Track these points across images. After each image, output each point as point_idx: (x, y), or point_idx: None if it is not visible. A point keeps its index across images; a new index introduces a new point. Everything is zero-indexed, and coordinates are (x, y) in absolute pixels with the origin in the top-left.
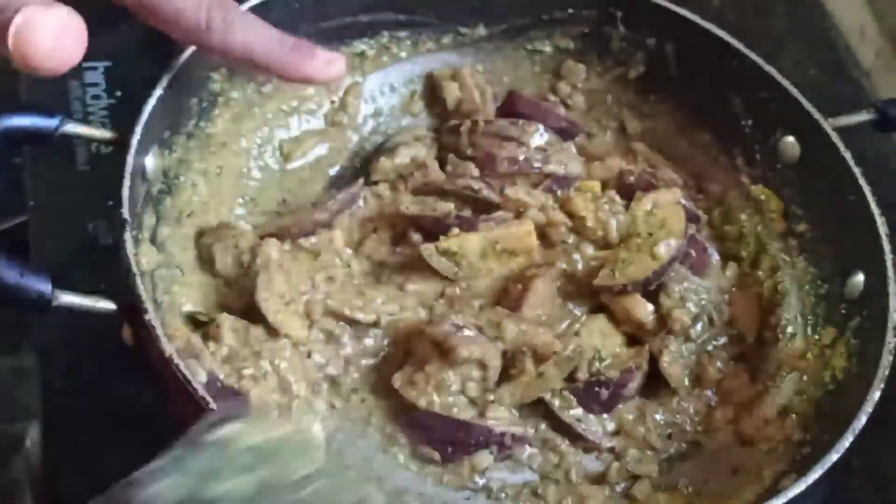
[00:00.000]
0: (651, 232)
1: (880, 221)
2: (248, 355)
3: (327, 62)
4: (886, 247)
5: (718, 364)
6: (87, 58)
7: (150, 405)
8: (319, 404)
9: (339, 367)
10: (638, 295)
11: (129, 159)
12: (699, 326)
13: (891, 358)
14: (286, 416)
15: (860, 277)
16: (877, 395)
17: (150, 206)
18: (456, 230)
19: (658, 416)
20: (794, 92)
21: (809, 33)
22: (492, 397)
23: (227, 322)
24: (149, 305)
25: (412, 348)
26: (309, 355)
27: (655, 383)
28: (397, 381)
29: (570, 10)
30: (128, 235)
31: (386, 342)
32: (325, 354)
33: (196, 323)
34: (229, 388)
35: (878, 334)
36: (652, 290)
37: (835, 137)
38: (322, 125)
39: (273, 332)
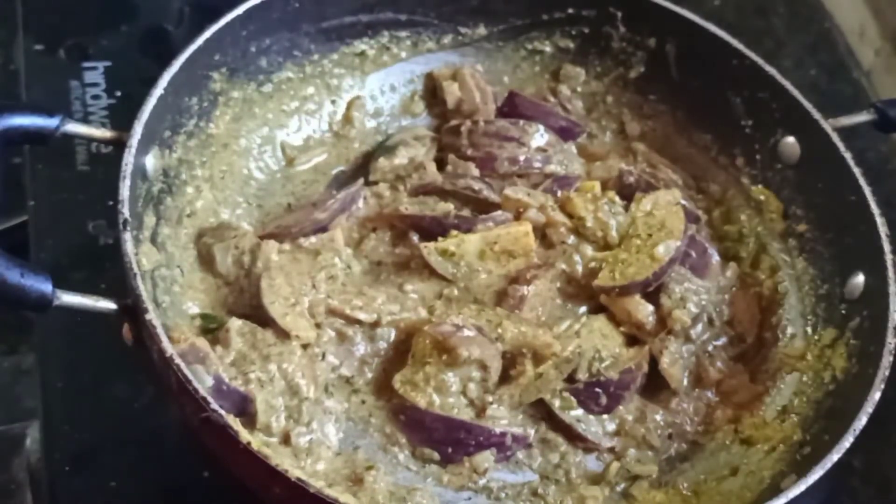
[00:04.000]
0: (650, 233)
1: (880, 221)
2: (255, 359)
3: None
4: (886, 247)
5: (718, 364)
6: (87, 58)
7: (150, 405)
8: (334, 405)
9: (352, 368)
10: (638, 296)
11: (129, 159)
12: (699, 327)
13: (891, 358)
14: (296, 417)
15: (860, 278)
16: (877, 395)
17: (151, 205)
18: (455, 231)
19: (658, 417)
20: (794, 92)
21: (809, 33)
22: (492, 398)
23: (236, 326)
24: (149, 305)
25: (412, 348)
26: (323, 357)
27: (655, 384)
28: (397, 381)
29: (570, 10)
30: (128, 235)
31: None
32: (339, 356)
33: (204, 329)
34: (235, 390)
35: (878, 334)
36: (652, 290)
37: (835, 137)
38: (324, 127)
39: (282, 334)
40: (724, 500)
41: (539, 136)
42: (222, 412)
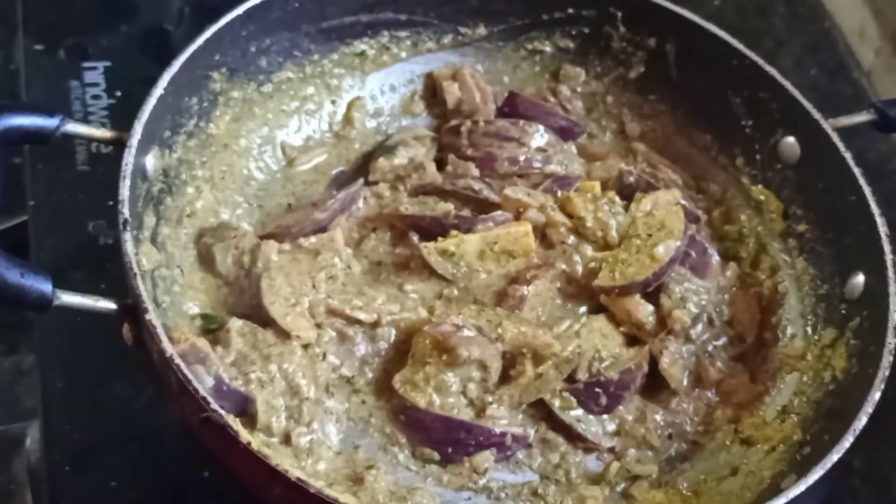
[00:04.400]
0: (650, 233)
1: (880, 221)
2: (256, 359)
3: None
4: (886, 247)
5: (718, 364)
6: (87, 58)
7: (150, 405)
8: (335, 405)
9: (353, 369)
10: (638, 296)
11: (129, 159)
12: (699, 327)
13: (891, 358)
14: (296, 417)
15: (860, 278)
16: (877, 395)
17: (151, 205)
18: (455, 231)
19: (658, 417)
20: (794, 92)
21: (809, 33)
22: (492, 398)
23: (236, 326)
24: (149, 305)
25: (412, 348)
26: (324, 357)
27: (655, 384)
28: (397, 381)
29: (570, 10)
30: (128, 235)
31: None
32: (340, 356)
33: (205, 329)
34: (235, 390)
35: (878, 335)
36: (652, 290)
37: (835, 137)
38: (324, 127)
39: (282, 335)
40: (724, 500)
41: (539, 136)
42: (222, 412)
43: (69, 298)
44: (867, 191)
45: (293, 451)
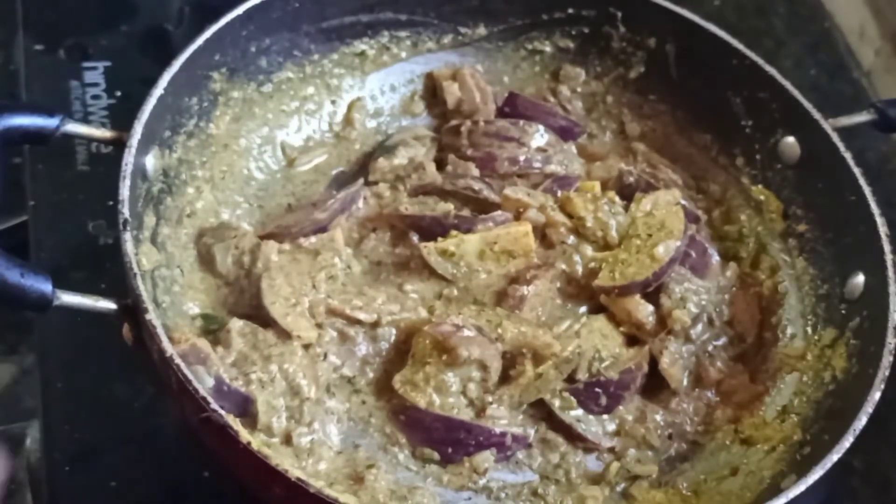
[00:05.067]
0: (650, 233)
1: (880, 221)
2: (256, 359)
3: None
4: (886, 247)
5: (718, 364)
6: (87, 58)
7: (150, 405)
8: (335, 405)
9: (354, 369)
10: (638, 296)
11: (129, 159)
12: (699, 327)
13: (891, 358)
14: (297, 417)
15: (860, 278)
16: (877, 395)
17: (151, 205)
18: (455, 231)
19: (658, 417)
20: (794, 92)
21: (809, 33)
22: (492, 398)
23: (237, 327)
24: (149, 305)
25: (412, 348)
26: (325, 357)
27: (655, 384)
28: (398, 381)
29: (570, 10)
30: (128, 235)
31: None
32: (341, 356)
33: (205, 329)
34: (236, 390)
35: (878, 335)
36: (652, 290)
37: (835, 138)
38: (324, 127)
39: (283, 335)
40: (724, 500)
41: (539, 136)
42: (222, 412)
43: (69, 298)
44: (867, 191)
45: (294, 451)
